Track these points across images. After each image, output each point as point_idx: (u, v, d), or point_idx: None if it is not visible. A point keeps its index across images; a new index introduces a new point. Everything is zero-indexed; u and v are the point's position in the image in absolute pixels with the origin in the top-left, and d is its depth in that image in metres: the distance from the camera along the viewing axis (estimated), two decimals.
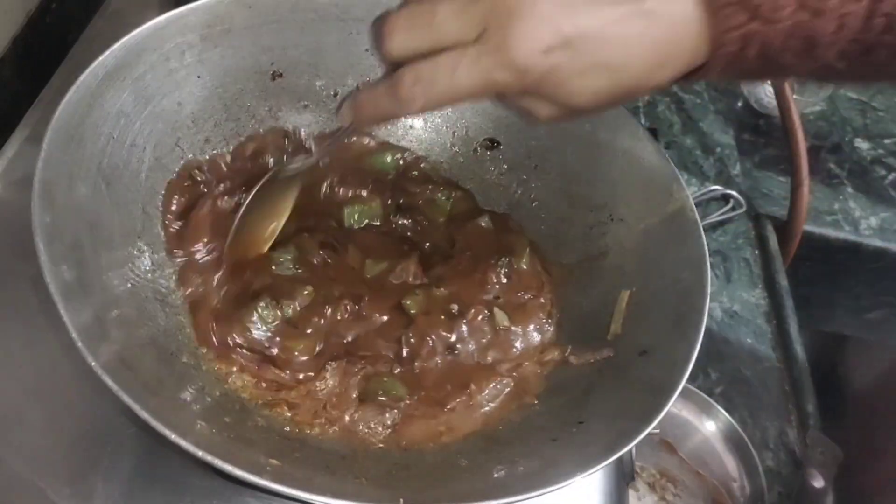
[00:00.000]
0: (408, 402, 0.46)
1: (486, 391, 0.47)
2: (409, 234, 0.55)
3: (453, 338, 0.49)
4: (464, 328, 0.49)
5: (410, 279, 0.51)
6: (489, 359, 0.49)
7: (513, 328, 0.50)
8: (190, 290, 0.47)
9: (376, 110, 0.40)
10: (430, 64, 0.36)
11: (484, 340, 0.49)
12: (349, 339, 0.48)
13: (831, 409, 0.80)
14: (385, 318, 0.49)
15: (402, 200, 0.56)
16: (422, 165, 0.59)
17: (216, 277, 0.48)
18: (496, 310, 0.50)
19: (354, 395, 0.46)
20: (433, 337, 0.48)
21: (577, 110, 0.37)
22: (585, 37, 0.34)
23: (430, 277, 0.51)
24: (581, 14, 0.34)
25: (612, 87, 0.36)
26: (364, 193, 0.55)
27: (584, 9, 0.34)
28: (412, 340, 0.48)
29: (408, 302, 0.49)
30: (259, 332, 0.46)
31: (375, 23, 0.37)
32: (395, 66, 0.38)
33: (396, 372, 0.47)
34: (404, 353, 0.48)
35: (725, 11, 0.33)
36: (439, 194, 0.57)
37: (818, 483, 0.65)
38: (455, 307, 0.50)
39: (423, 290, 0.50)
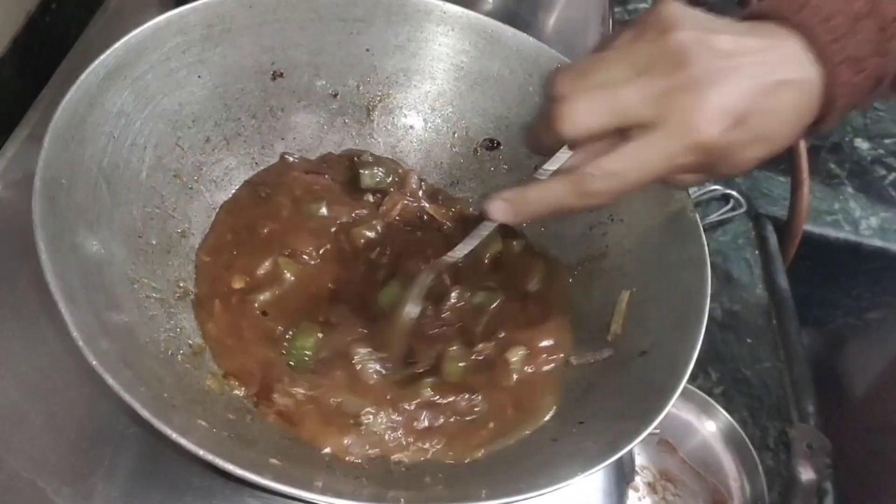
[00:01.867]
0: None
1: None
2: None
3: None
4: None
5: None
6: None
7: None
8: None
9: (549, 206, 0.41)
10: (617, 157, 0.38)
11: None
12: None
13: (831, 408, 0.80)
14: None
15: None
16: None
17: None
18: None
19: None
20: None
21: (727, 177, 0.41)
22: (752, 112, 0.37)
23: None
24: (747, 90, 0.37)
25: (766, 155, 0.39)
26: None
27: (748, 84, 0.37)
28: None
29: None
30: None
31: (542, 113, 0.40)
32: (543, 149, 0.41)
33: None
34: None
35: (839, 69, 0.38)
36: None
37: (806, 474, 0.65)
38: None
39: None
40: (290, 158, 0.57)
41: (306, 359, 0.46)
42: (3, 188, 0.52)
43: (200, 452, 0.33)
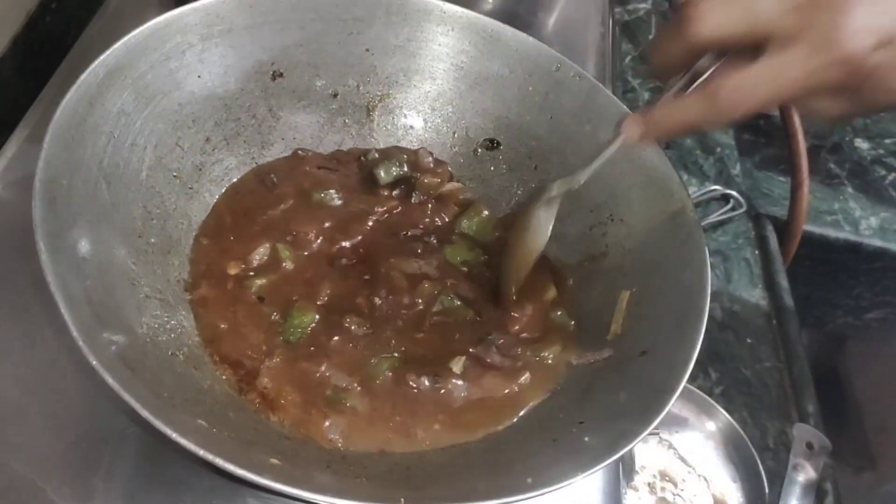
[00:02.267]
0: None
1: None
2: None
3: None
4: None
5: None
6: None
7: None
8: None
9: (684, 120, 0.40)
10: (751, 71, 0.37)
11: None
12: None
13: (831, 408, 0.80)
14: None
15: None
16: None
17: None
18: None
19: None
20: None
21: (882, 108, 0.38)
22: None
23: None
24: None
25: None
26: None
27: None
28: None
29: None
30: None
31: (678, 6, 0.38)
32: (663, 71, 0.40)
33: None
34: None
35: None
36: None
37: (806, 474, 0.65)
38: None
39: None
40: (303, 153, 0.57)
41: (300, 335, 0.47)
42: (3, 188, 0.52)
43: (200, 452, 0.33)
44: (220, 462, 0.33)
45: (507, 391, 0.47)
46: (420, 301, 0.50)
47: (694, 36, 0.37)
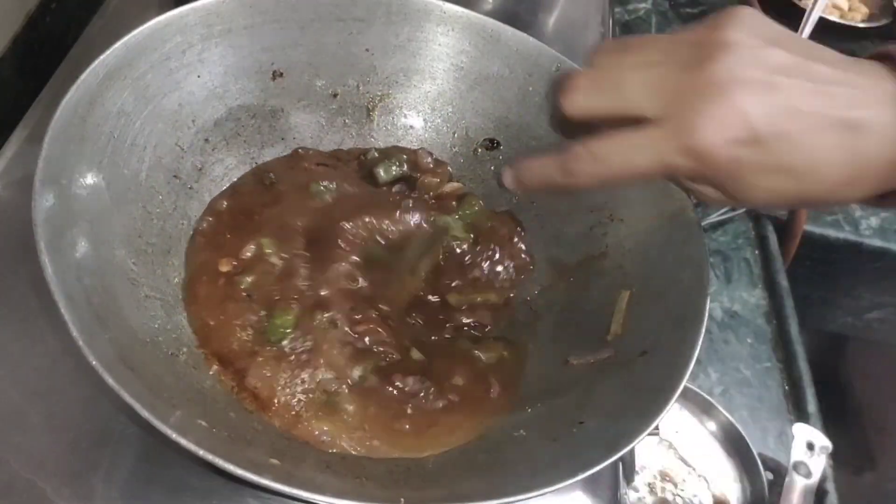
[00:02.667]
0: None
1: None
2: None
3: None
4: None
5: None
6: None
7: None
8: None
9: (540, 178, 0.41)
10: (606, 142, 0.36)
11: None
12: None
13: (831, 408, 0.80)
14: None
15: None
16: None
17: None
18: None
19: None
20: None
21: (748, 204, 0.37)
22: (778, 137, 0.32)
23: None
24: (779, 112, 0.32)
25: (791, 194, 0.34)
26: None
27: (785, 107, 0.32)
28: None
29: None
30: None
31: (559, 79, 0.38)
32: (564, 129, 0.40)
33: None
34: None
35: None
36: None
37: (806, 474, 0.65)
38: None
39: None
40: (303, 152, 0.57)
41: (286, 335, 0.46)
42: (3, 188, 0.52)
43: (200, 452, 0.33)
44: (219, 462, 0.33)
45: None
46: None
47: (566, 109, 0.37)
